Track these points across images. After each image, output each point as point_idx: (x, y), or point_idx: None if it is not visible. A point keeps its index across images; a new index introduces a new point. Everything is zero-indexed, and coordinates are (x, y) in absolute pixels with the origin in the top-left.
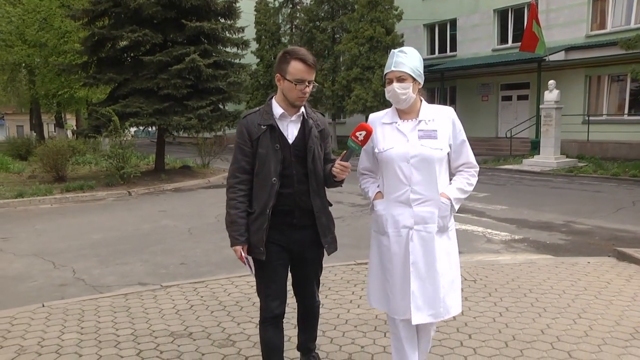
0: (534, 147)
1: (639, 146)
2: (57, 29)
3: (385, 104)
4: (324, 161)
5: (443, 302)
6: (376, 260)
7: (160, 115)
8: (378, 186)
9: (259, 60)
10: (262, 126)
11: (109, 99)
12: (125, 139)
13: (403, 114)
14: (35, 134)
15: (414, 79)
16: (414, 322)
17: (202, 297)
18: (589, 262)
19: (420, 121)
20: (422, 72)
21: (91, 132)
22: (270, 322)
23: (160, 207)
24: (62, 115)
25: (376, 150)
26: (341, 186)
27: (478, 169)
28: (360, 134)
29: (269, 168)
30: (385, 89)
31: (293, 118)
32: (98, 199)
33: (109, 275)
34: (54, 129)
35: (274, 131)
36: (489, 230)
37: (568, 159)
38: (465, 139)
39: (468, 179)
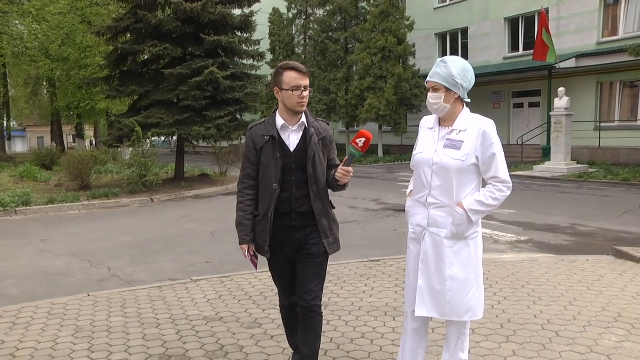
0: (546, 154)
1: None
2: (79, 44)
3: (398, 112)
4: (329, 167)
5: (450, 304)
6: (407, 256)
7: (180, 125)
8: None
9: (273, 70)
10: (265, 137)
11: (131, 110)
12: (146, 148)
13: (442, 121)
14: (56, 144)
15: (447, 89)
16: (417, 314)
17: (229, 288)
18: (587, 260)
19: (452, 130)
20: (460, 82)
21: (115, 142)
22: (287, 308)
23: (183, 213)
24: (82, 127)
25: (414, 152)
26: (345, 190)
27: (510, 185)
28: (360, 141)
29: (270, 175)
30: None
31: (295, 128)
32: (122, 206)
33: (141, 273)
34: (73, 139)
35: (275, 141)
36: (496, 232)
37: (579, 165)
38: (498, 153)
39: (492, 193)
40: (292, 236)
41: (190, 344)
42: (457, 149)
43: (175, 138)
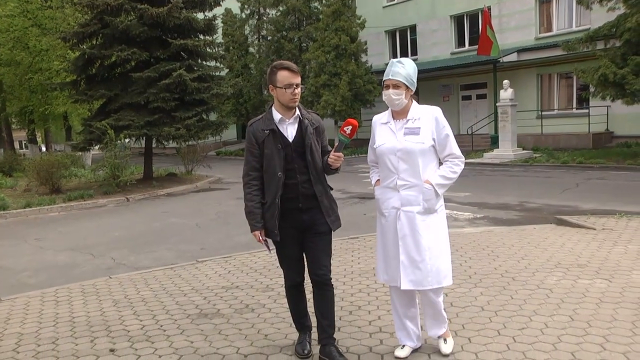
0: (494, 142)
1: (586, 136)
2: (32, 48)
3: (352, 107)
4: (322, 153)
5: (430, 272)
6: (379, 237)
7: (151, 126)
8: (379, 175)
9: (228, 70)
10: (265, 131)
11: (100, 113)
12: (119, 151)
13: (396, 114)
14: (7, 151)
15: (407, 87)
16: (402, 288)
17: (234, 265)
18: (534, 228)
19: (408, 120)
20: (414, 80)
21: (86, 145)
22: (293, 288)
23: (162, 209)
24: (35, 132)
25: (374, 146)
26: (338, 173)
27: (463, 159)
28: (348, 128)
29: (275, 165)
30: (382, 92)
31: (290, 120)
32: (100, 206)
33: (144, 260)
34: (20, 146)
35: (276, 134)
36: (455, 212)
37: (524, 151)
38: (449, 133)
39: (451, 167)
40: (299, 218)
41: (219, 305)
42: (416, 134)
43: (142, 139)
